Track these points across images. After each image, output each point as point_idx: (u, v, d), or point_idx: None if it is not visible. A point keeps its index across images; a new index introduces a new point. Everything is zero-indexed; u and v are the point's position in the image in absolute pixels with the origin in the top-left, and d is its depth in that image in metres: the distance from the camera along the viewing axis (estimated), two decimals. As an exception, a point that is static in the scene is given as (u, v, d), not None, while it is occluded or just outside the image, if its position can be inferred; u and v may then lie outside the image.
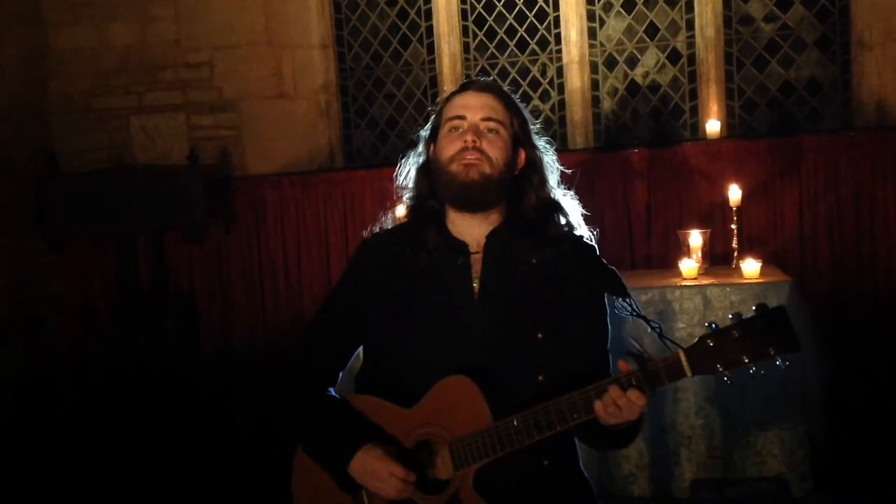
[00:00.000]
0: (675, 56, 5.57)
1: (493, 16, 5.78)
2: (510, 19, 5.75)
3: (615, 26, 5.65)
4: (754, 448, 4.08)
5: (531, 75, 5.75)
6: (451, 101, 2.27)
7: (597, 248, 2.29)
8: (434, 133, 2.29)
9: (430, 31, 5.85)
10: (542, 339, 2.15)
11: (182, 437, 5.14)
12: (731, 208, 4.70)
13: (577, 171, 2.50)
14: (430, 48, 5.86)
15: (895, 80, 5.10)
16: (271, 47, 5.78)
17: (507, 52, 5.77)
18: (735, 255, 4.64)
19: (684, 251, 4.49)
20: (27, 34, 5.79)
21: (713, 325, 1.97)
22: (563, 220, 2.29)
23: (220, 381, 5.70)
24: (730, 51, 5.48)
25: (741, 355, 1.94)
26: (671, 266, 4.69)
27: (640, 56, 5.62)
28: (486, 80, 2.31)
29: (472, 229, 2.24)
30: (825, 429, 4.15)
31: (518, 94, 5.59)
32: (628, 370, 2.01)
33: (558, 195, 2.31)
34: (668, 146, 5.28)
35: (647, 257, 5.19)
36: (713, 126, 5.32)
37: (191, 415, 5.34)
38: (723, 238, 4.83)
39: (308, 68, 5.84)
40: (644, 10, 5.58)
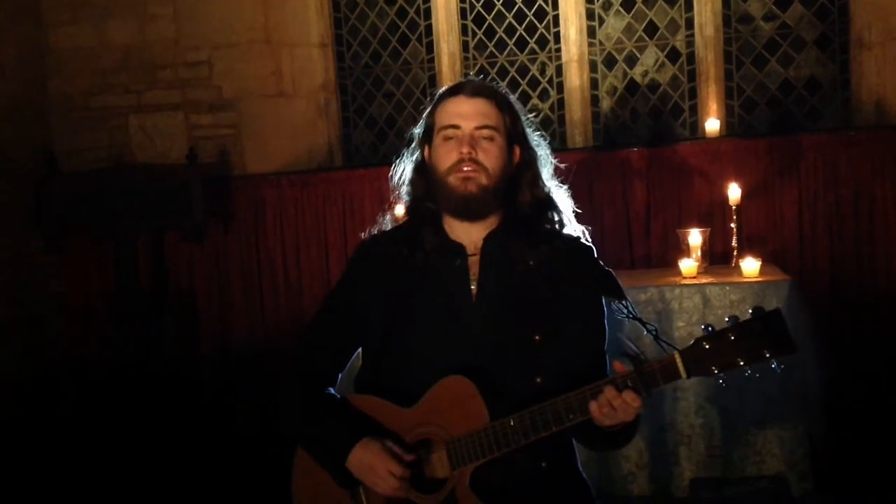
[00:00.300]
0: (674, 55, 5.57)
1: (492, 14, 5.78)
2: (509, 18, 5.75)
3: (614, 25, 5.65)
4: (754, 447, 4.08)
5: (530, 74, 5.75)
6: (443, 105, 2.25)
7: (594, 248, 2.29)
8: (428, 133, 2.28)
9: (429, 29, 5.85)
10: (539, 340, 2.16)
11: (182, 437, 5.14)
12: (731, 207, 4.70)
13: (572, 167, 2.49)
14: (430, 47, 5.85)
15: (894, 79, 5.10)
16: (270, 46, 5.77)
17: (507, 51, 5.77)
18: (734, 254, 4.64)
19: (683, 250, 4.49)
20: (27, 33, 5.79)
21: (709, 327, 1.98)
22: (557, 217, 2.29)
23: (219, 380, 5.70)
24: (729, 49, 5.48)
25: (736, 358, 1.95)
26: (670, 265, 4.69)
27: (639, 55, 5.61)
28: (478, 81, 2.29)
29: (470, 232, 2.24)
30: (825, 428, 4.15)
31: (517, 93, 5.55)
32: (624, 371, 2.01)
33: (552, 188, 2.31)
34: (667, 145, 5.28)
35: (646, 256, 5.18)
36: (712, 125, 5.32)
37: (191, 415, 5.34)
38: (722, 237, 4.83)
39: (307, 67, 5.84)
40: (643, 8, 5.57)
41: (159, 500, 4.58)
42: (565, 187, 2.35)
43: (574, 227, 2.33)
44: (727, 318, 1.97)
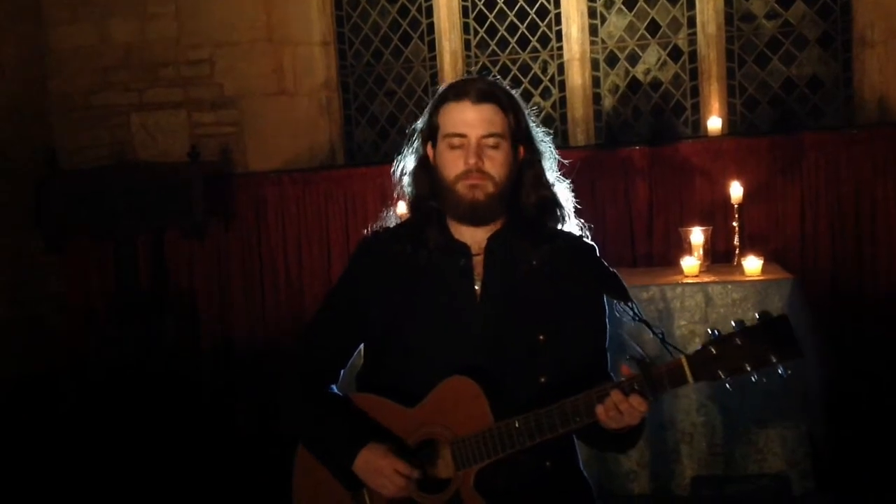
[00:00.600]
0: (676, 53, 5.56)
1: (494, 13, 5.77)
2: (511, 16, 5.74)
3: (616, 23, 5.64)
4: (755, 445, 4.08)
5: (532, 72, 5.74)
6: (448, 109, 2.21)
7: (596, 247, 2.28)
8: (432, 133, 2.25)
9: (431, 28, 5.84)
10: (543, 340, 2.16)
11: (182, 437, 5.13)
12: (733, 206, 4.70)
13: (575, 163, 2.48)
14: (431, 45, 5.85)
15: (897, 77, 5.10)
16: (272, 44, 5.77)
17: (509, 49, 5.76)
18: (736, 252, 4.64)
19: (685, 249, 4.49)
20: (27, 32, 5.79)
21: (716, 331, 1.98)
22: (560, 216, 2.28)
23: (219, 380, 5.68)
24: (731, 48, 5.47)
25: (743, 362, 1.95)
26: (672, 264, 4.69)
27: (641, 53, 5.60)
28: (482, 84, 2.22)
29: (475, 233, 2.23)
30: (826, 427, 4.15)
31: (519, 91, 5.59)
32: (631, 375, 2.01)
33: (555, 182, 2.29)
34: (669, 143, 5.26)
35: (648, 255, 5.18)
36: (714, 123, 5.31)
37: (191, 414, 5.33)
38: (724, 235, 4.82)
39: (309, 65, 5.83)
40: (645, 6, 5.56)
41: (159, 500, 4.58)
42: (568, 181, 2.33)
43: (574, 224, 2.32)
44: (734, 323, 1.97)
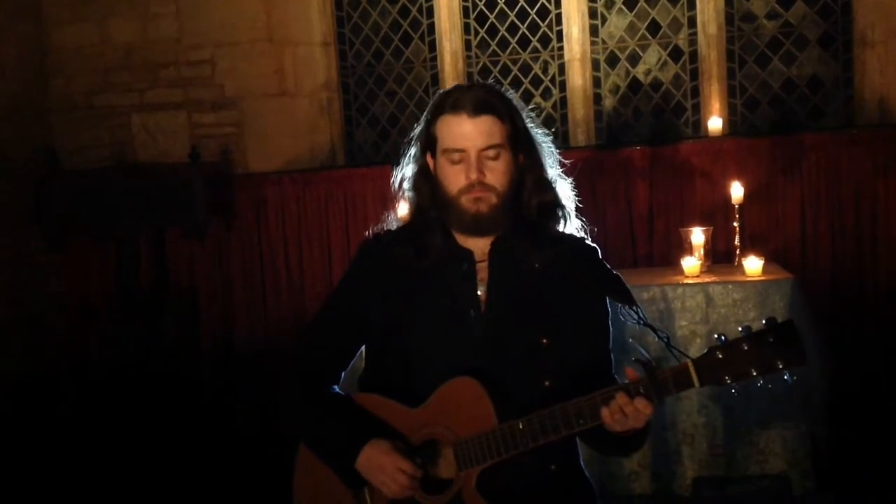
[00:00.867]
0: (676, 53, 5.56)
1: (494, 13, 5.77)
2: (512, 16, 5.74)
3: (617, 23, 5.63)
4: (756, 446, 4.08)
5: (533, 73, 5.74)
6: (445, 123, 2.18)
7: (598, 249, 2.28)
8: (430, 144, 2.23)
9: (431, 28, 5.84)
10: (546, 343, 2.15)
11: (182, 437, 5.13)
12: (734, 206, 4.70)
13: (577, 163, 2.47)
14: (432, 46, 5.84)
15: (897, 78, 5.10)
16: (273, 45, 5.76)
17: (509, 50, 5.76)
18: (737, 252, 4.64)
19: (686, 249, 4.49)
20: (27, 32, 5.78)
21: (722, 336, 1.98)
22: (563, 217, 2.28)
23: (220, 380, 5.68)
24: (732, 48, 5.46)
25: (749, 368, 1.96)
26: (673, 264, 4.69)
27: (641, 53, 5.60)
28: (478, 94, 2.19)
29: (478, 241, 2.23)
30: (827, 427, 4.15)
31: (519, 92, 5.53)
32: (636, 378, 2.00)
33: (556, 180, 2.29)
34: (669, 144, 5.26)
35: (648, 255, 5.18)
36: (715, 123, 5.31)
37: (191, 414, 5.33)
38: (725, 236, 4.83)
39: (309, 66, 5.83)
40: (646, 7, 5.56)
41: (159, 500, 4.58)
42: (569, 180, 2.33)
43: (576, 223, 2.32)
44: (740, 328, 1.98)
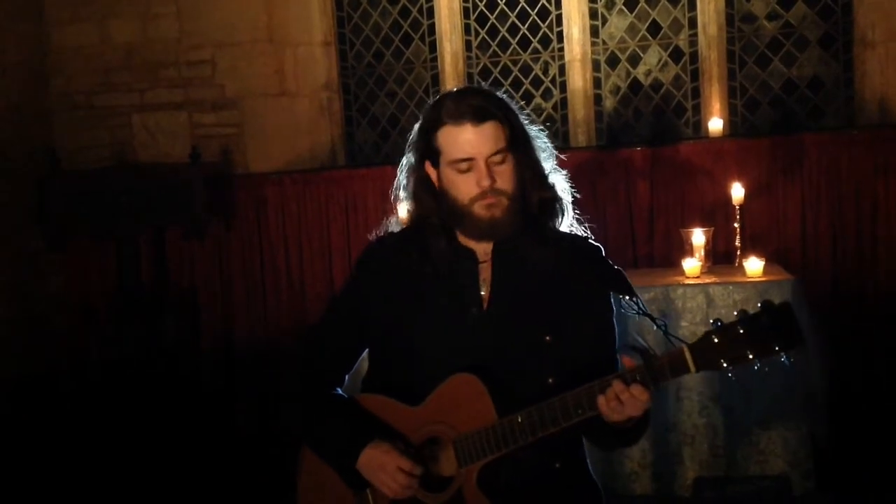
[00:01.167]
0: (677, 54, 5.56)
1: (495, 14, 5.77)
2: (512, 17, 5.74)
3: (617, 24, 5.64)
4: (757, 446, 4.08)
5: (533, 73, 5.74)
6: (448, 134, 2.16)
7: (602, 247, 2.28)
8: (431, 155, 2.21)
9: (431, 28, 5.84)
10: (550, 341, 2.15)
11: (182, 437, 5.13)
12: (734, 206, 4.70)
13: (577, 163, 2.47)
14: (433, 46, 5.84)
15: (898, 78, 5.10)
16: (273, 45, 5.76)
17: (510, 51, 5.76)
18: (738, 253, 4.64)
19: (687, 250, 4.49)
20: (28, 32, 5.79)
21: (718, 321, 1.96)
22: (563, 214, 2.28)
23: (220, 380, 5.68)
24: (732, 49, 5.46)
25: (746, 351, 1.93)
26: (674, 265, 4.69)
27: (642, 54, 5.60)
28: (476, 100, 2.17)
29: (483, 242, 2.22)
30: (827, 428, 4.15)
31: (520, 93, 5.54)
32: (632, 366, 2.00)
33: (550, 172, 2.28)
34: (670, 144, 5.27)
35: (649, 256, 5.18)
36: (715, 124, 5.31)
37: (191, 414, 5.33)
38: (725, 236, 4.83)
39: (310, 66, 5.83)
40: (646, 7, 5.56)
41: (159, 500, 4.58)
42: (564, 172, 2.32)
43: (572, 216, 2.31)
44: (736, 312, 1.95)
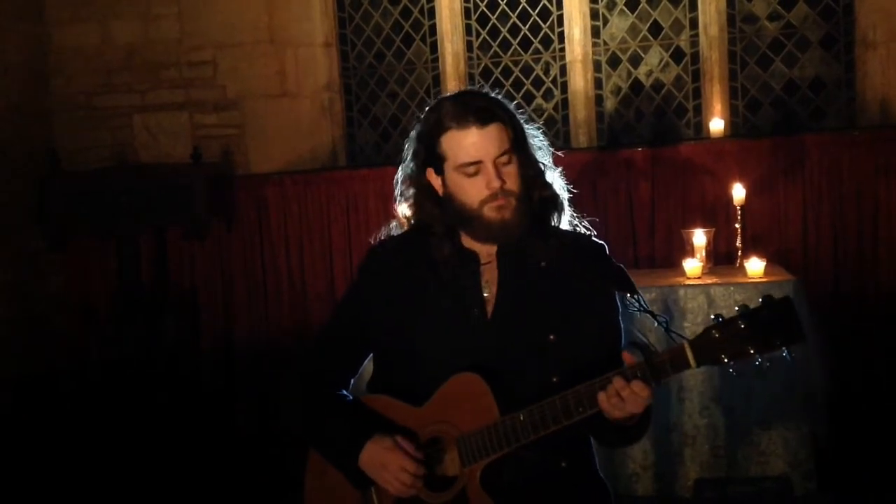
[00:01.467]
0: (678, 55, 5.56)
1: (496, 14, 5.77)
2: (513, 18, 5.74)
3: (618, 25, 5.64)
4: (758, 447, 4.08)
5: (534, 74, 5.74)
6: (453, 138, 2.16)
7: (605, 245, 2.28)
8: (434, 161, 2.21)
9: (433, 29, 5.84)
10: (554, 340, 2.15)
11: (182, 437, 5.13)
12: (735, 207, 4.70)
13: (579, 163, 2.47)
14: (434, 47, 5.84)
15: (899, 79, 5.10)
16: (274, 45, 5.77)
17: (511, 51, 5.76)
18: (739, 254, 4.64)
19: (688, 250, 4.48)
20: (29, 32, 5.79)
21: (719, 316, 1.96)
22: (564, 212, 2.28)
23: (220, 380, 5.68)
24: (733, 49, 5.46)
25: (747, 346, 1.92)
26: (675, 265, 4.69)
27: (643, 55, 5.60)
28: (479, 103, 2.17)
29: (490, 244, 2.22)
30: (828, 428, 4.15)
31: (521, 94, 5.55)
32: (633, 362, 2.00)
33: (547, 170, 2.28)
34: (671, 145, 5.27)
35: (650, 256, 5.17)
36: (717, 125, 5.31)
37: (191, 414, 5.33)
38: (726, 237, 4.83)
39: (311, 67, 5.83)
40: (647, 8, 5.56)
41: (159, 500, 4.58)
42: (559, 169, 2.32)
43: (570, 213, 2.31)
44: (737, 307, 1.95)
